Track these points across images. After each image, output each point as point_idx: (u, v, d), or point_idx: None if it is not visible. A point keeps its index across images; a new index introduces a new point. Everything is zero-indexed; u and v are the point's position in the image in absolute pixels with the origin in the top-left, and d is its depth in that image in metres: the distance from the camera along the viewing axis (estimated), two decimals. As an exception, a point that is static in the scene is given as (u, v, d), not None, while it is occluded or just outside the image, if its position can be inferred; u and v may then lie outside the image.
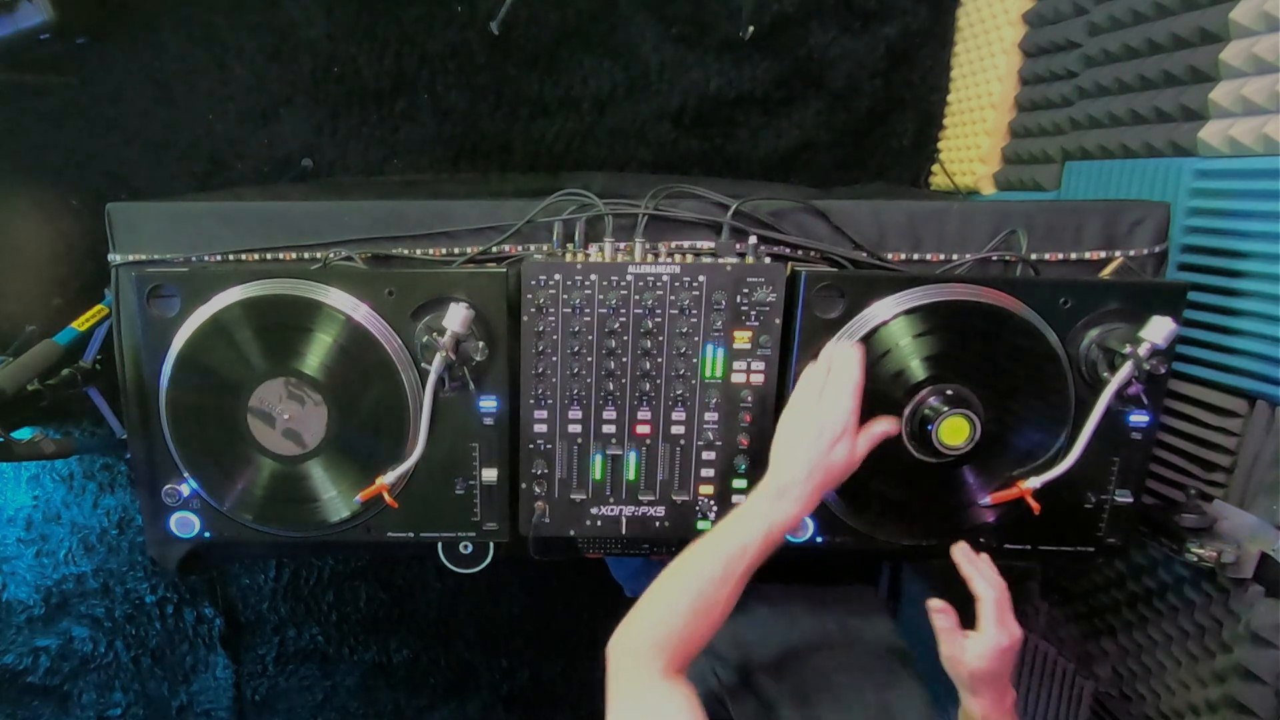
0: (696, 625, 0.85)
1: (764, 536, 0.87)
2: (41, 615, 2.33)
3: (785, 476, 0.90)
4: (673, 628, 0.85)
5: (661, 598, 0.87)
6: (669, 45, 2.06)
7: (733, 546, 0.87)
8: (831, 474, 0.91)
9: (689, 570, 0.88)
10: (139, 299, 1.03)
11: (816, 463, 0.89)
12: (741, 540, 0.87)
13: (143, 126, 2.00)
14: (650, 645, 0.84)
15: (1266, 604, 1.08)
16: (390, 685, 2.49)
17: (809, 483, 0.89)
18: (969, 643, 0.94)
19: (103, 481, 2.23)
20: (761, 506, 0.90)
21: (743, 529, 0.88)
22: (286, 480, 1.10)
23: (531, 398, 1.08)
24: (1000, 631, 0.94)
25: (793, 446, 0.92)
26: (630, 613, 0.88)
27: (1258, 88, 1.13)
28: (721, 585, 0.86)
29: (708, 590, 0.85)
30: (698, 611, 0.85)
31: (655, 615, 0.86)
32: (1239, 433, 1.14)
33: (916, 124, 2.16)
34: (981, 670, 0.93)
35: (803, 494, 0.89)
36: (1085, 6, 1.55)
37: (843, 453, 0.90)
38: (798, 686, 1.10)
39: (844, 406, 0.91)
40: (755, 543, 0.87)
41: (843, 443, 0.90)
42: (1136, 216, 1.13)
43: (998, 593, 0.96)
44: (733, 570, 0.86)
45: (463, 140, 2.09)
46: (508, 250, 1.12)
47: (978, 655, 0.93)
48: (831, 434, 0.90)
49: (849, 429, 0.91)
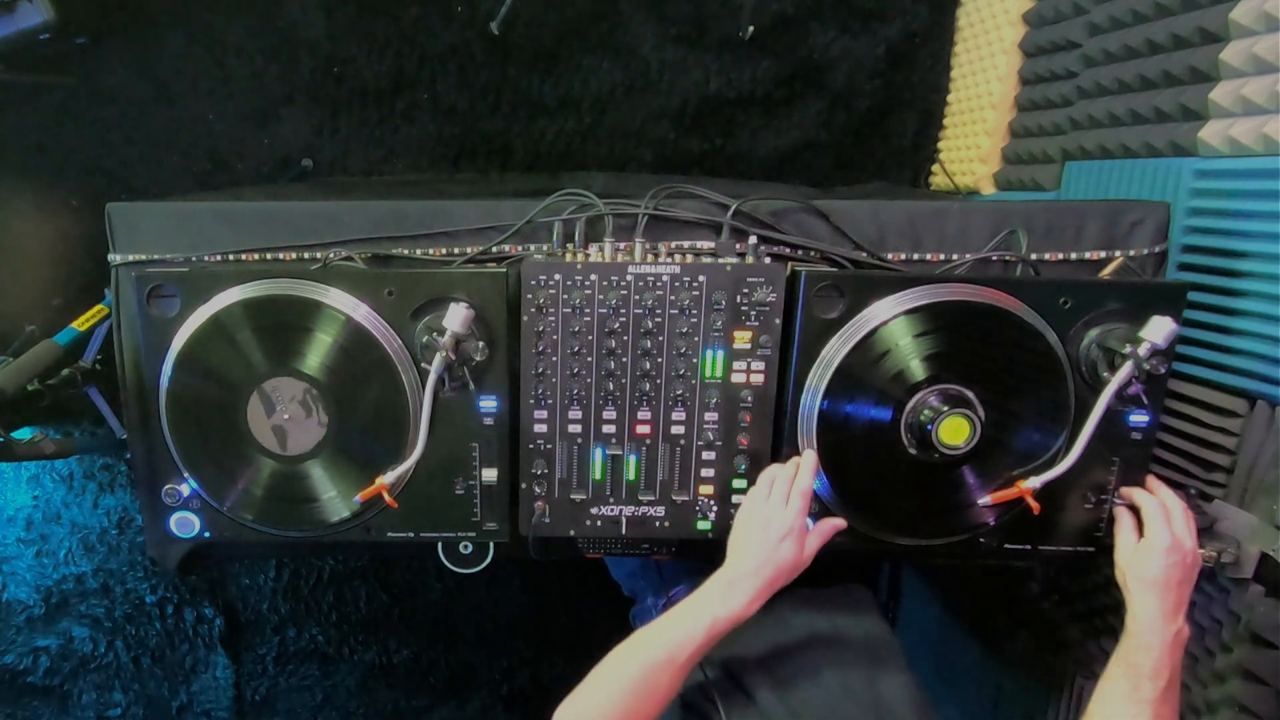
0: (638, 705, 0.91)
1: (709, 627, 0.92)
2: (41, 615, 2.34)
3: (735, 570, 0.95)
4: (615, 706, 0.91)
5: (606, 677, 0.93)
6: (669, 45, 2.06)
7: (679, 633, 0.92)
8: (780, 571, 0.94)
9: (635, 652, 0.94)
10: (139, 299, 1.03)
11: (764, 559, 0.94)
12: (687, 629, 0.92)
13: (143, 126, 2.00)
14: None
15: (1266, 604, 1.08)
16: (390, 685, 2.49)
17: (757, 577, 0.93)
18: (1139, 545, 0.99)
19: (103, 481, 2.23)
20: (711, 597, 0.94)
21: (689, 618, 0.93)
22: (286, 480, 1.09)
23: (531, 398, 1.08)
24: (1163, 532, 0.97)
25: (744, 540, 0.97)
26: (575, 690, 0.93)
27: (1258, 88, 1.13)
28: (664, 670, 0.91)
29: (650, 672, 0.91)
30: (639, 693, 0.91)
31: (599, 693, 0.92)
32: (1239, 433, 1.14)
33: (916, 124, 2.16)
34: (1143, 572, 0.96)
35: (750, 588, 0.93)
36: (1085, 6, 1.55)
37: (789, 552, 0.94)
38: (786, 682, 1.10)
39: (792, 508, 0.96)
40: (700, 632, 0.92)
41: (788, 541, 0.94)
42: (1136, 216, 1.13)
43: (1162, 500, 1.02)
44: (675, 656, 0.91)
45: (463, 140, 2.09)
46: (508, 250, 1.12)
47: (1141, 556, 0.98)
48: (779, 533, 0.95)
49: (794, 530, 0.95)
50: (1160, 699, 0.92)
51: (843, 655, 1.15)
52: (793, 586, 0.96)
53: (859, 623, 1.23)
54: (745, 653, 1.14)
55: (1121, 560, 1.01)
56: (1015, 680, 1.69)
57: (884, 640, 1.21)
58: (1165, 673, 0.92)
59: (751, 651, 1.14)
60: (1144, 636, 0.94)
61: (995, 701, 1.76)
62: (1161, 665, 0.92)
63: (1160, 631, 0.93)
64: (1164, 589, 0.95)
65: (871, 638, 1.21)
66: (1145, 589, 0.96)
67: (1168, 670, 0.93)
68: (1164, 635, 0.93)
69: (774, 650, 1.15)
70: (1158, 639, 0.93)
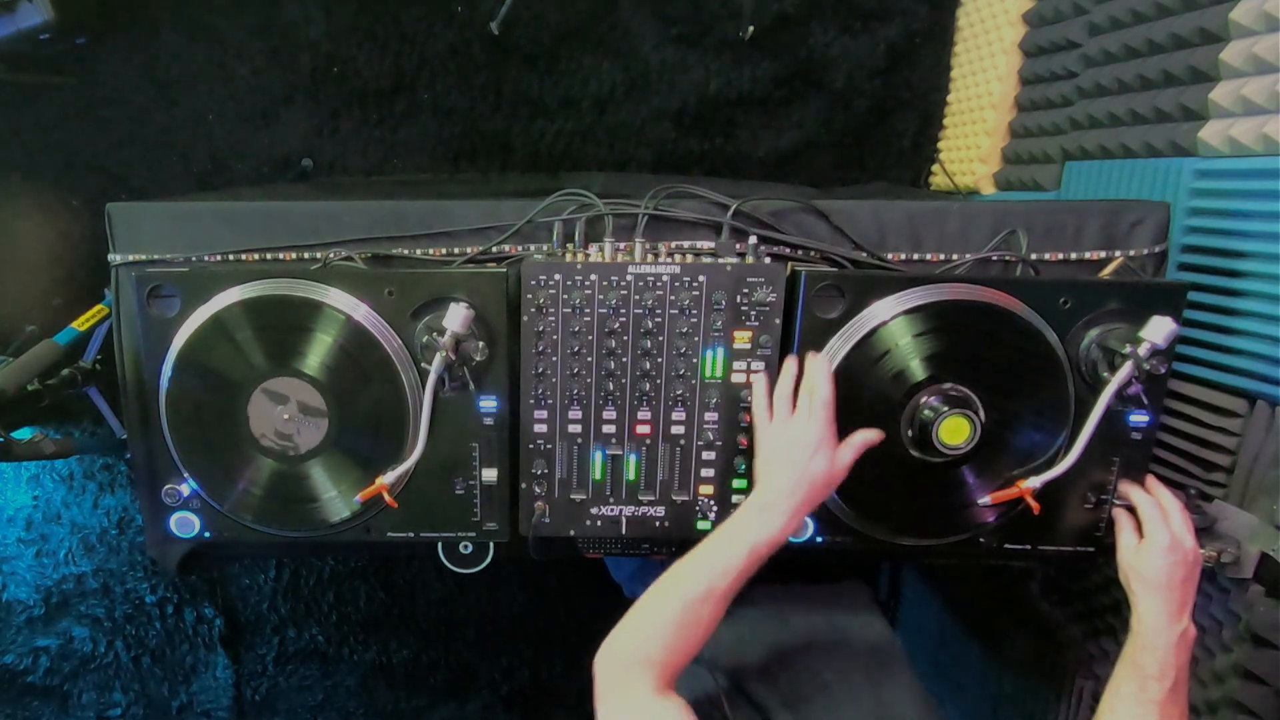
0: (682, 640, 0.87)
1: (748, 553, 0.89)
2: (41, 615, 2.34)
3: (768, 493, 0.93)
4: (659, 643, 0.86)
5: (647, 613, 0.89)
6: (669, 45, 2.06)
7: (717, 563, 0.89)
8: (815, 487, 0.93)
9: (674, 586, 0.90)
10: (139, 299, 1.03)
11: (798, 477, 0.92)
12: (726, 557, 0.89)
13: (143, 126, 2.00)
14: (638, 661, 0.86)
15: (1266, 604, 1.08)
16: (390, 685, 2.49)
17: (792, 498, 0.91)
18: (1139, 546, 0.99)
19: (103, 481, 2.23)
20: (746, 523, 0.91)
21: (727, 546, 0.90)
22: (286, 480, 1.09)
23: (531, 398, 1.08)
24: (1162, 532, 0.97)
25: (773, 463, 0.95)
26: (616, 628, 0.89)
27: (1258, 88, 1.13)
28: (705, 601, 0.88)
29: (692, 606, 0.87)
30: (683, 627, 0.87)
31: (641, 631, 0.88)
32: (1239, 433, 1.14)
33: (916, 124, 2.16)
34: (1144, 572, 0.96)
35: (787, 509, 0.91)
36: (1085, 6, 1.55)
37: (822, 464, 0.92)
38: (792, 690, 1.10)
39: (816, 420, 0.93)
40: (739, 559, 0.89)
41: (820, 455, 0.92)
42: (1136, 216, 1.13)
43: (1159, 500, 1.02)
44: (716, 586, 0.88)
45: (463, 140, 2.09)
46: (508, 250, 1.12)
47: (1142, 556, 0.97)
48: (808, 448, 0.92)
49: (824, 441, 0.93)
50: (1167, 699, 0.91)
51: (845, 656, 1.15)
52: (792, 583, 0.96)
53: (859, 621, 1.23)
54: (751, 660, 1.13)
55: (1123, 561, 1.00)
56: (1015, 680, 1.69)
57: (885, 639, 1.21)
58: (1171, 673, 0.92)
59: (757, 658, 1.14)
60: (1149, 637, 0.93)
61: (995, 701, 1.75)
62: (1167, 666, 0.92)
63: (1165, 632, 0.93)
64: (1167, 589, 0.94)
65: (873, 637, 1.21)
66: (1148, 589, 0.95)
67: (1174, 670, 0.92)
68: (1169, 636, 0.93)
69: (778, 656, 1.15)
70: (1163, 639, 0.93)
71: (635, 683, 0.84)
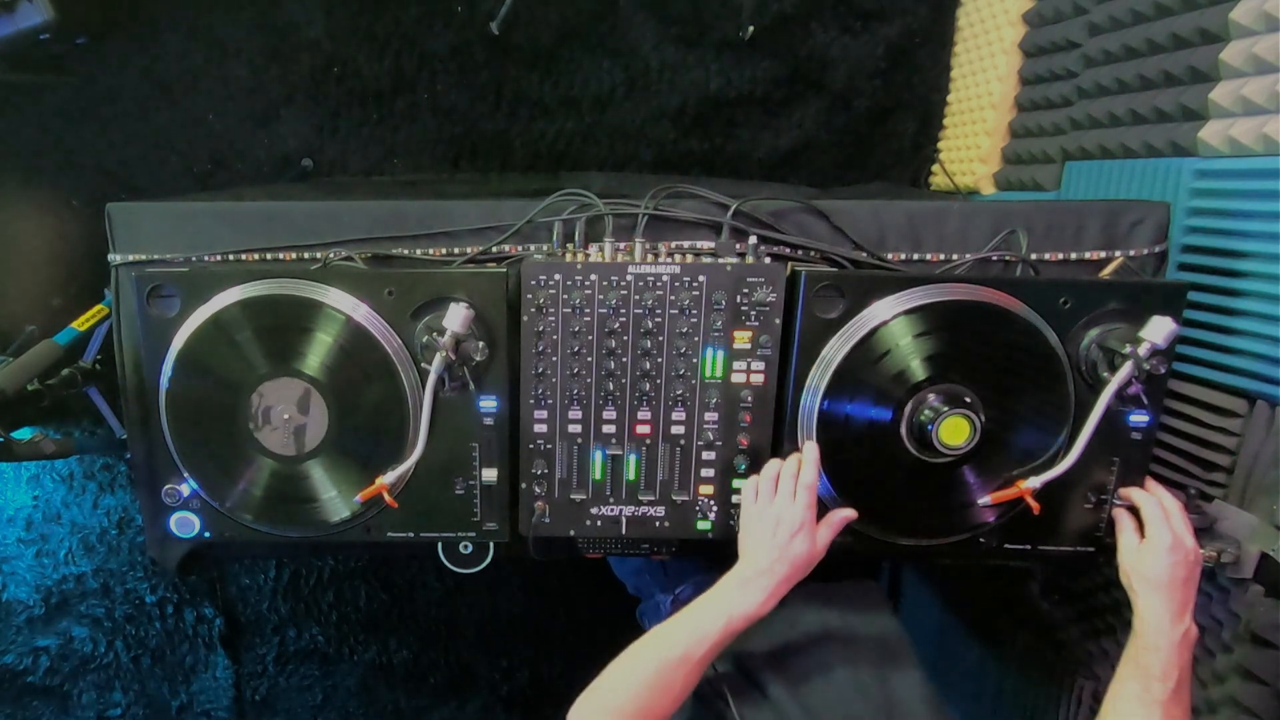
0: (654, 700, 0.91)
1: (724, 624, 0.92)
2: (41, 615, 2.34)
3: (749, 569, 0.96)
4: (631, 701, 0.91)
5: (623, 671, 0.93)
6: (669, 45, 2.06)
7: (695, 630, 0.93)
8: (795, 566, 0.95)
9: (652, 647, 0.94)
10: (139, 299, 1.03)
11: (778, 556, 0.95)
12: (703, 625, 0.93)
13: (143, 126, 2.00)
14: (610, 716, 0.91)
15: (1266, 604, 1.08)
16: (390, 685, 2.49)
17: (772, 575, 0.94)
18: (1140, 546, 1.00)
19: (103, 481, 2.23)
20: (726, 595, 0.95)
21: (706, 615, 0.94)
22: (286, 480, 1.10)
23: (531, 398, 1.08)
24: (1163, 532, 0.98)
25: (755, 541, 0.98)
26: (595, 680, 0.94)
27: (1258, 88, 1.13)
28: (680, 666, 0.91)
29: (666, 669, 0.91)
30: (655, 688, 0.91)
31: (616, 687, 0.93)
32: (1239, 433, 1.14)
33: (916, 124, 2.16)
34: (1146, 572, 0.96)
35: (766, 585, 0.94)
36: (1085, 6, 1.55)
37: (801, 546, 0.95)
38: (798, 679, 1.10)
39: (800, 503, 0.97)
40: (715, 630, 0.92)
41: (800, 536, 0.95)
42: (1136, 216, 1.13)
43: (1160, 500, 1.02)
44: (691, 653, 0.92)
45: (463, 140, 2.09)
46: (508, 250, 1.12)
47: (1143, 556, 0.98)
48: (789, 530, 0.95)
49: (804, 523, 0.96)
50: (1170, 699, 0.92)
51: (854, 651, 1.15)
52: (804, 581, 0.96)
53: (869, 619, 1.23)
54: (756, 647, 1.14)
55: (1125, 562, 1.01)
56: (1015, 680, 1.69)
57: (895, 636, 1.21)
58: (1174, 673, 0.92)
59: (762, 646, 1.14)
60: (1151, 637, 0.94)
61: (995, 701, 1.75)
62: (1170, 666, 0.92)
63: (1168, 632, 0.93)
64: (1169, 588, 0.95)
65: (882, 634, 1.21)
66: (1151, 589, 0.95)
67: (1177, 670, 0.92)
68: (1172, 636, 0.93)
69: (785, 645, 1.15)
70: (1165, 639, 0.93)
71: None
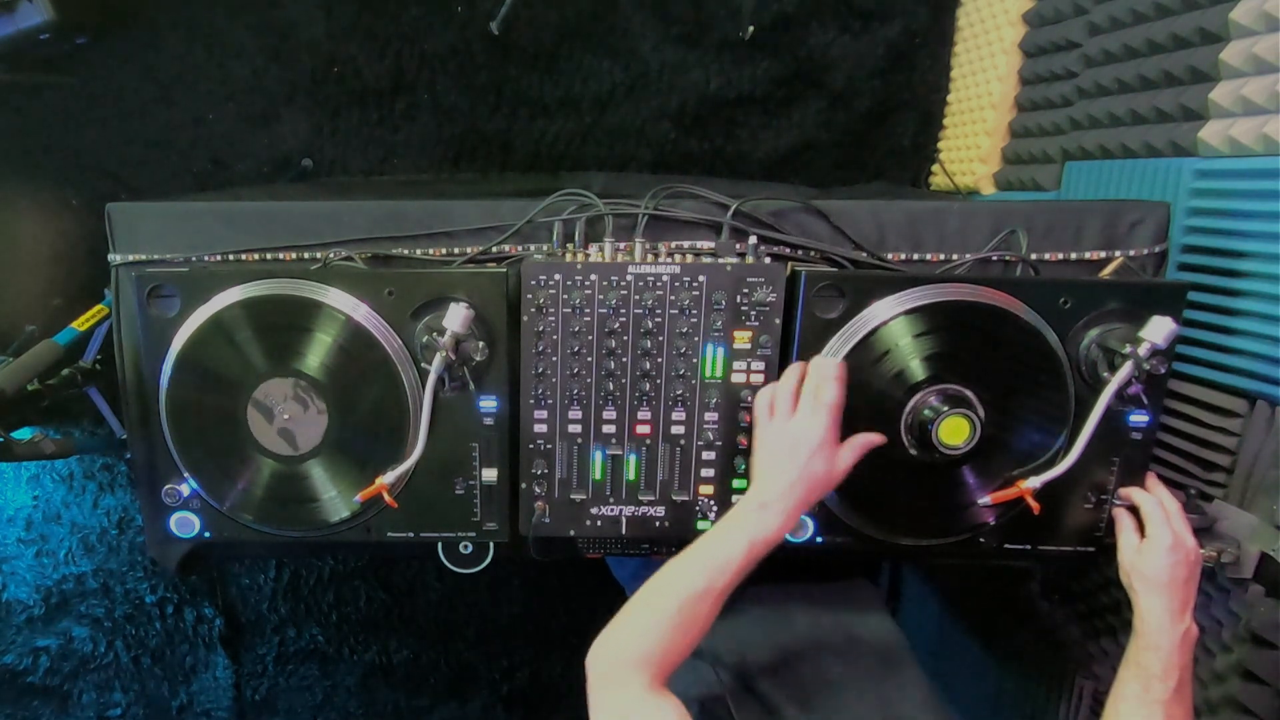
0: (679, 638, 0.86)
1: (746, 549, 0.88)
2: (41, 615, 2.34)
3: (767, 491, 0.91)
4: (654, 641, 0.85)
5: (643, 611, 0.87)
6: (669, 45, 2.06)
7: (715, 559, 0.88)
8: (813, 487, 0.91)
9: (671, 583, 0.88)
10: (139, 299, 1.03)
11: (796, 476, 0.90)
12: (724, 553, 0.88)
13: (143, 126, 2.00)
14: (633, 659, 0.84)
15: (1266, 604, 1.08)
16: (390, 685, 2.49)
17: (790, 496, 0.90)
18: (1141, 545, 0.99)
19: (103, 481, 2.23)
20: (744, 519, 0.90)
21: (725, 542, 0.89)
22: (286, 480, 1.09)
23: (531, 398, 1.08)
24: (1164, 531, 0.98)
25: (771, 461, 0.93)
26: (610, 625, 0.88)
27: (1258, 88, 1.13)
28: (703, 598, 0.86)
29: (689, 603, 0.86)
30: (679, 625, 0.85)
31: (637, 629, 0.87)
32: (1239, 433, 1.14)
33: (916, 124, 2.16)
34: (1147, 572, 0.96)
35: (785, 508, 0.90)
36: (1085, 6, 1.55)
37: (820, 465, 0.91)
38: (798, 687, 1.09)
39: (819, 420, 0.92)
40: (738, 556, 0.88)
41: (819, 455, 0.91)
42: (1136, 216, 1.13)
43: (1160, 500, 1.02)
44: (714, 583, 0.87)
45: (463, 140, 2.09)
46: (508, 250, 1.12)
47: (1144, 556, 0.97)
48: (808, 448, 0.91)
49: (825, 442, 0.91)
50: (1172, 699, 0.92)
51: (854, 659, 1.14)
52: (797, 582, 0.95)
53: (865, 620, 1.23)
54: (757, 657, 1.13)
55: (1125, 562, 1.01)
56: (1015, 680, 1.69)
57: (893, 639, 1.21)
58: (1175, 673, 0.92)
59: (762, 656, 1.14)
60: (1152, 637, 0.94)
61: (995, 701, 1.75)
62: (1171, 665, 0.92)
63: (1169, 631, 0.93)
64: (1170, 588, 0.95)
65: (881, 637, 1.21)
66: (1151, 589, 0.95)
67: (1178, 670, 0.92)
68: (1172, 635, 0.93)
69: (784, 654, 1.15)
70: (1166, 639, 0.93)
71: (629, 681, 0.83)
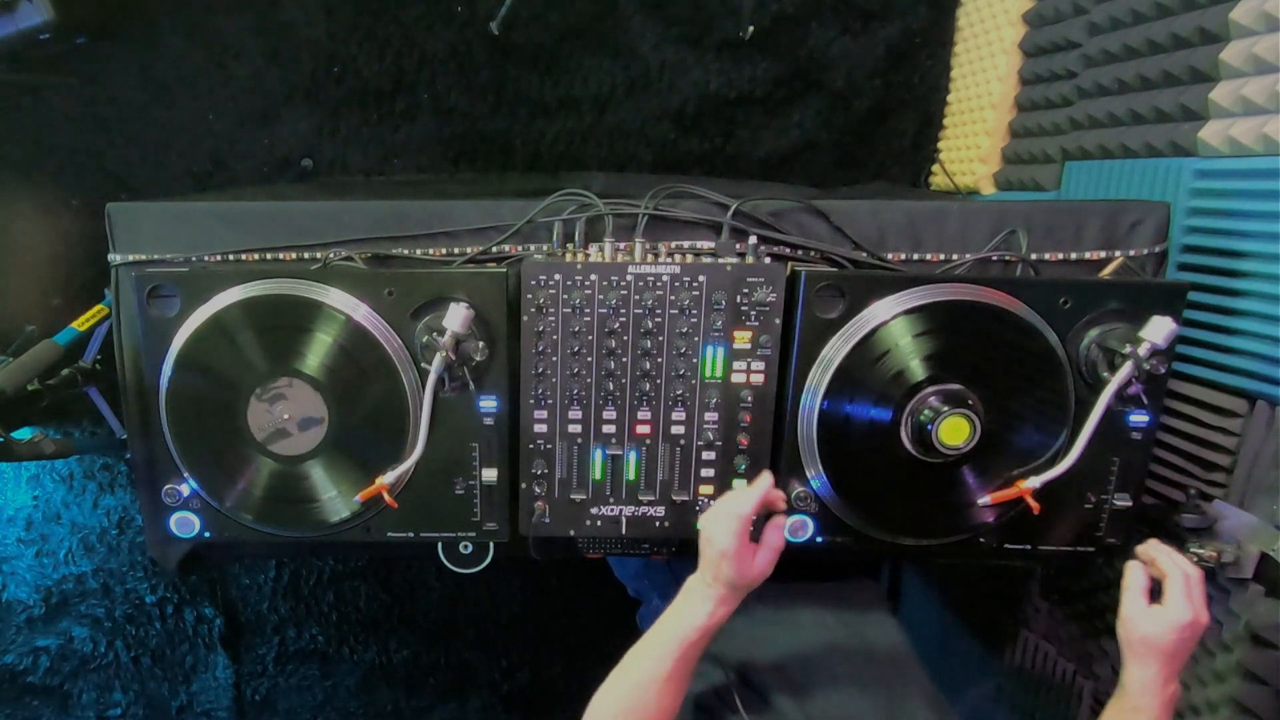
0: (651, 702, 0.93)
1: (681, 639, 0.93)
2: (41, 615, 2.33)
3: (696, 577, 0.96)
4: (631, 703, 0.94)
5: (613, 687, 0.96)
6: (669, 45, 2.06)
7: (657, 649, 0.94)
8: (732, 586, 0.93)
9: (627, 671, 0.96)
10: (139, 299, 1.03)
11: (713, 575, 0.93)
12: (664, 643, 0.94)
13: (143, 126, 2.00)
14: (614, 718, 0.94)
15: (1266, 604, 1.08)
16: (390, 685, 2.49)
17: (713, 590, 0.93)
18: (1152, 610, 0.95)
19: (103, 481, 2.23)
20: (680, 605, 0.95)
21: (665, 631, 0.95)
22: (286, 480, 1.09)
23: (531, 398, 1.08)
24: (1184, 606, 0.93)
25: (700, 550, 0.96)
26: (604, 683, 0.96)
27: (1258, 88, 1.13)
28: (651, 686, 0.94)
29: (641, 690, 0.94)
30: (637, 709, 0.94)
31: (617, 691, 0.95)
32: (1239, 433, 1.14)
33: (916, 124, 2.16)
34: (1153, 639, 0.93)
35: (711, 597, 0.93)
36: (1085, 6, 1.55)
37: (730, 571, 0.92)
38: (804, 686, 1.10)
39: (724, 530, 0.92)
40: (675, 646, 0.93)
41: (727, 562, 0.92)
42: (1136, 216, 1.13)
43: (1186, 570, 0.96)
44: (659, 673, 0.93)
45: (463, 140, 2.09)
46: (508, 250, 1.12)
47: (1156, 623, 0.93)
48: (716, 551, 0.92)
49: (727, 553, 0.91)
50: None
51: (859, 661, 1.15)
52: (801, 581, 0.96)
53: (868, 620, 1.23)
54: (760, 655, 1.14)
55: (1130, 621, 0.95)
56: (1015, 680, 1.69)
57: (898, 643, 1.21)
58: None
59: (766, 654, 1.14)
60: (1140, 699, 0.92)
61: (995, 701, 1.75)
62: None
63: (1157, 694, 0.92)
64: (1169, 657, 0.92)
65: (885, 639, 1.21)
66: (1149, 655, 0.93)
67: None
68: (1160, 698, 0.92)
69: (787, 652, 1.15)
70: (1154, 701, 0.92)
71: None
